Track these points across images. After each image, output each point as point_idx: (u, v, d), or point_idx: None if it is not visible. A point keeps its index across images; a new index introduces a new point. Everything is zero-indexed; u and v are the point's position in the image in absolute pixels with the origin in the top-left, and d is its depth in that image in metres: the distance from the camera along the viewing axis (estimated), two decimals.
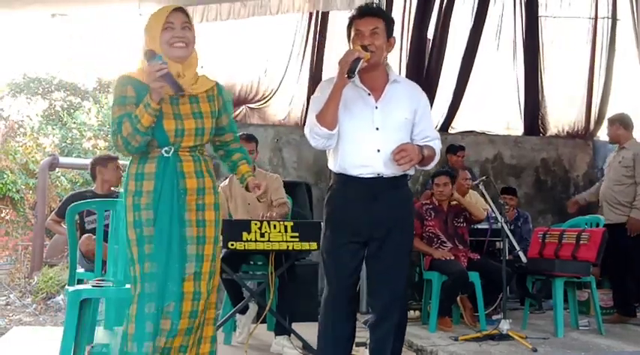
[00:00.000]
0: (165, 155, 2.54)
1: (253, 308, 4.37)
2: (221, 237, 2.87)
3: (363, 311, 5.47)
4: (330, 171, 2.97)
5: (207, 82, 2.68)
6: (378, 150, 2.79)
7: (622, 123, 5.36)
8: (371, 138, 2.80)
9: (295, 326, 4.10)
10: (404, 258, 2.90)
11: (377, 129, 2.80)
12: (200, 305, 2.53)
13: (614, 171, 5.31)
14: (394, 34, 2.92)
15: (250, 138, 4.52)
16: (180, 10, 2.58)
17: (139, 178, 2.55)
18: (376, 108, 2.82)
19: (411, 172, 2.92)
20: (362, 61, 2.64)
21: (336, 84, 2.69)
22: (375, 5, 2.93)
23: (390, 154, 2.73)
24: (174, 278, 2.48)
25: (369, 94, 2.83)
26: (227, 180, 4.62)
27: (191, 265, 2.52)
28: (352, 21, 2.86)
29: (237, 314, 4.35)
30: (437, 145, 2.92)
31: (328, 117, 2.72)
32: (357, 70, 2.64)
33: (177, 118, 2.55)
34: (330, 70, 6.68)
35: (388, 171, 2.80)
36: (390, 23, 2.88)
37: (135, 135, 2.47)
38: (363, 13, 2.85)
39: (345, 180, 2.84)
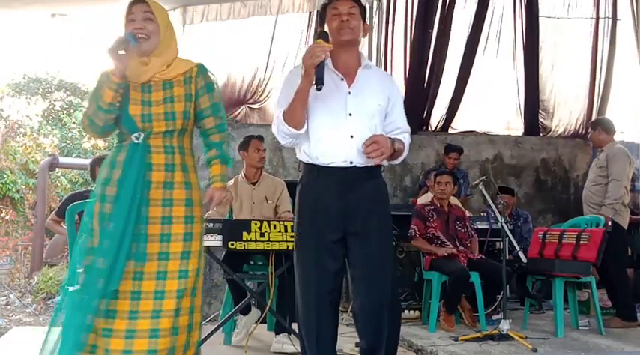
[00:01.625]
0: (135, 141, 2.49)
1: (255, 312, 4.37)
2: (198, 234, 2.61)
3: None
4: (300, 162, 2.81)
5: (185, 65, 2.58)
6: (352, 136, 2.67)
7: (603, 127, 5.45)
8: (344, 124, 2.68)
9: (295, 326, 4.09)
10: (387, 254, 2.76)
11: (350, 115, 2.69)
12: (165, 303, 2.40)
13: (592, 173, 5.44)
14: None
15: (262, 138, 4.65)
16: (141, 1, 2.53)
17: (111, 166, 2.51)
18: (349, 93, 2.73)
19: (385, 163, 2.78)
20: (326, 60, 2.55)
21: (303, 86, 2.57)
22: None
23: (363, 141, 2.62)
24: (116, 275, 2.38)
25: (342, 79, 2.74)
26: (232, 180, 4.64)
27: (152, 264, 2.42)
28: (326, 6, 2.80)
29: (239, 314, 4.35)
30: (407, 139, 2.83)
31: (296, 117, 2.62)
32: (324, 75, 2.53)
33: (145, 104, 2.49)
34: None
35: (361, 159, 2.66)
36: (364, 10, 2.83)
37: (98, 113, 2.47)
38: None
39: (317, 171, 2.71)
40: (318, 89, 2.53)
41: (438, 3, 6.94)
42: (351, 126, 2.68)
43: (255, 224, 3.71)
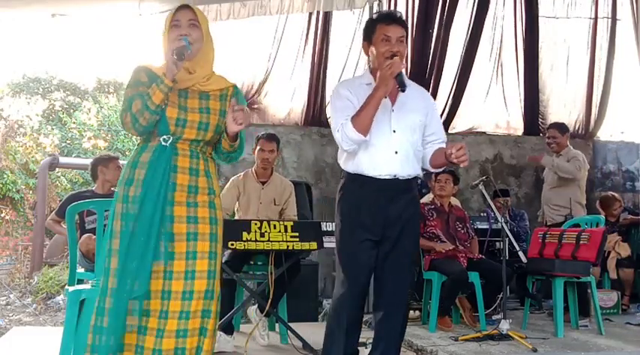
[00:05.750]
0: (163, 144, 2.50)
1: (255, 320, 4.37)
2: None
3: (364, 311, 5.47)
4: (343, 170, 3.02)
5: (223, 82, 2.67)
6: (396, 152, 2.87)
7: (568, 133, 5.88)
8: (389, 141, 2.87)
9: (295, 326, 4.10)
10: (412, 259, 3.02)
11: (394, 131, 2.88)
12: (193, 304, 2.42)
13: (551, 176, 5.83)
14: None
15: (271, 138, 4.55)
16: (187, 7, 2.58)
17: (134, 166, 2.52)
18: (393, 111, 2.90)
19: (420, 174, 3.02)
20: (402, 70, 2.75)
21: (378, 95, 2.75)
22: (399, 14, 2.98)
23: (405, 156, 2.86)
24: (144, 275, 2.40)
25: (386, 97, 2.86)
26: (242, 173, 4.63)
27: (180, 263, 2.44)
28: (376, 24, 2.90)
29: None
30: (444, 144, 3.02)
31: (366, 124, 2.78)
32: (404, 80, 2.75)
33: (182, 109, 2.53)
34: (333, 70, 6.68)
35: (404, 172, 2.89)
36: (408, 33, 2.99)
37: (144, 112, 2.45)
38: (391, 19, 2.89)
39: (361, 180, 2.90)
40: (403, 91, 2.80)
41: (439, 3, 6.95)
42: (395, 142, 2.88)
43: (255, 224, 3.72)
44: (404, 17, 3.13)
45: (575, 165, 5.61)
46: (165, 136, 2.51)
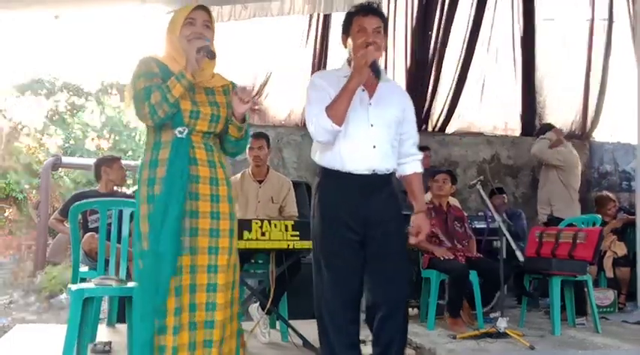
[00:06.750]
0: (179, 136, 2.56)
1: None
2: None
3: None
4: (319, 166, 2.92)
5: (223, 79, 2.77)
6: (374, 147, 2.81)
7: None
8: (367, 135, 2.81)
9: (296, 323, 4.14)
10: (405, 255, 2.92)
11: (372, 125, 2.83)
12: (218, 296, 2.54)
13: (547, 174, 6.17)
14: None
15: (259, 136, 4.62)
16: (203, 8, 2.67)
17: (153, 165, 2.56)
18: (370, 104, 2.85)
19: (397, 169, 2.97)
20: (377, 59, 2.73)
21: (352, 85, 2.70)
22: (375, 4, 2.94)
23: (384, 151, 2.82)
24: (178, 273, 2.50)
25: (364, 90, 2.84)
26: (239, 174, 4.68)
27: (203, 257, 2.53)
28: (352, 17, 2.86)
29: None
30: (420, 155, 3.04)
31: (340, 113, 2.71)
32: (378, 67, 2.73)
33: (193, 103, 2.60)
34: None
35: (382, 167, 2.83)
36: (387, 24, 2.95)
37: (163, 104, 2.49)
38: (367, 10, 2.84)
39: (338, 176, 2.81)
40: (378, 78, 2.77)
41: (438, 4, 7.00)
42: (373, 136, 2.82)
43: (256, 223, 3.75)
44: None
45: (543, 148, 6.01)
46: (180, 128, 2.57)
